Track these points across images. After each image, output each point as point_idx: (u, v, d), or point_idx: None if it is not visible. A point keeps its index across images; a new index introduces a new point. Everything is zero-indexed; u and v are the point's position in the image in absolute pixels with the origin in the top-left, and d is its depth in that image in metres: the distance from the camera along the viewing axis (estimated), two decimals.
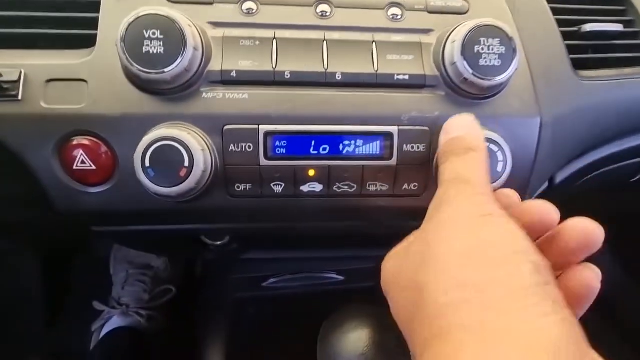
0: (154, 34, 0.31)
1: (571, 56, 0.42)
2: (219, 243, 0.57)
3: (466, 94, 0.36)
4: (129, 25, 0.31)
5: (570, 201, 0.59)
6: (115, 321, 0.89)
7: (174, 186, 0.31)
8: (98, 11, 0.35)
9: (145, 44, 0.31)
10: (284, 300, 0.71)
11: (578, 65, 0.43)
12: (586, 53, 0.45)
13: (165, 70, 0.31)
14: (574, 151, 0.44)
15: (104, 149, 0.34)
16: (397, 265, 0.28)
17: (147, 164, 0.31)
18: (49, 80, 0.33)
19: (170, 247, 0.56)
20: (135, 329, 0.88)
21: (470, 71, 0.34)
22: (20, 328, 0.95)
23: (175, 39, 0.31)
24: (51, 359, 0.92)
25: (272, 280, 0.66)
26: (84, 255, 1.04)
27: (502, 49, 0.34)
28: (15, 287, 0.97)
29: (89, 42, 0.35)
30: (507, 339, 0.18)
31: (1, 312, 0.94)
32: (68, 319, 0.97)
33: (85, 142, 0.34)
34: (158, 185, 0.31)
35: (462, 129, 0.30)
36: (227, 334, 0.75)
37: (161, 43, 0.31)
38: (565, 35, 0.43)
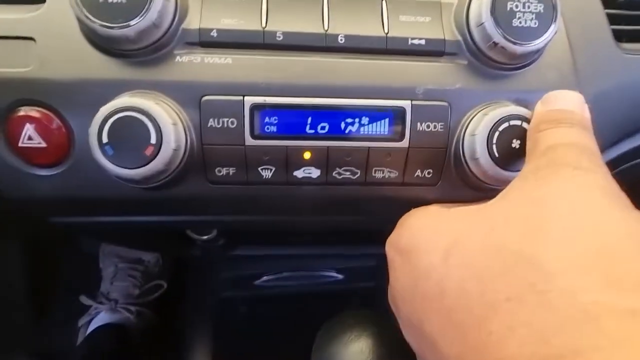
0: None
1: (612, 27, 0.37)
2: (205, 238, 0.51)
3: (494, 63, 0.30)
4: None
5: None
6: (103, 317, 0.85)
7: (138, 167, 0.26)
8: None
9: None
10: (278, 300, 0.66)
11: (616, 37, 0.37)
12: (623, 24, 0.39)
13: (128, 23, 0.26)
14: (613, 135, 0.38)
15: (56, 122, 0.28)
16: (454, 224, 0.22)
17: (105, 139, 0.26)
18: None
19: (151, 241, 0.51)
20: (122, 326, 0.85)
21: (501, 33, 0.28)
22: (6, 324, 0.91)
23: None
24: (37, 356, 0.88)
25: (265, 278, 0.61)
26: (72, 248, 1.00)
27: (541, 7, 0.28)
28: (0, 281, 0.93)
29: None
30: None
31: None
32: (55, 314, 0.93)
33: (34, 113, 0.28)
34: (118, 166, 0.26)
35: (572, 104, 0.25)
36: (214, 334, 0.71)
37: None
38: (605, 3, 0.37)
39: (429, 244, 0.23)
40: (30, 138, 0.28)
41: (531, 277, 0.17)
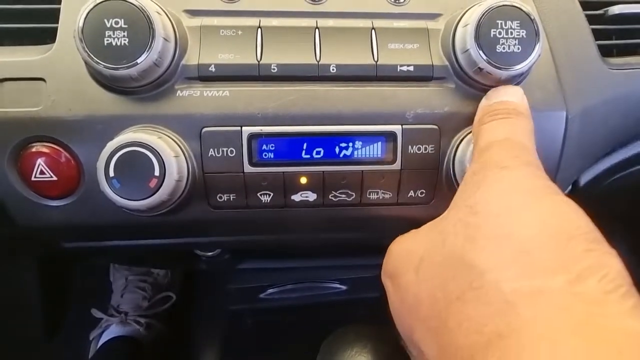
0: (116, 23, 0.27)
1: (597, 42, 0.38)
2: (210, 254, 0.53)
3: (481, 86, 0.31)
4: (88, 13, 0.27)
5: (591, 203, 0.54)
6: (114, 330, 0.87)
7: (143, 199, 0.27)
8: (59, 2, 0.31)
9: (106, 34, 0.27)
10: (283, 311, 0.67)
11: (604, 52, 0.38)
12: (611, 39, 0.40)
13: (131, 64, 0.27)
14: (602, 149, 0.39)
15: (65, 157, 0.30)
16: (420, 243, 0.25)
17: (112, 173, 0.27)
18: (2, 80, 0.29)
19: (159, 260, 0.52)
20: (133, 339, 0.86)
21: (486, 59, 0.29)
22: (19, 339, 0.93)
23: (141, 28, 0.27)
24: None
25: (270, 291, 0.62)
26: (83, 263, 1.02)
27: (523, 33, 0.29)
28: (13, 295, 0.95)
29: (49, 37, 0.31)
30: (600, 344, 0.16)
31: None
32: (67, 328, 0.95)
33: (45, 149, 0.29)
34: (125, 198, 0.27)
35: (511, 96, 0.29)
36: (223, 346, 0.72)
37: (125, 33, 0.27)
38: (591, 19, 0.38)
39: (404, 265, 0.25)
40: (42, 172, 0.30)
41: (470, 276, 0.20)
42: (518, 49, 0.29)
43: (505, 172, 0.24)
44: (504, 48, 0.29)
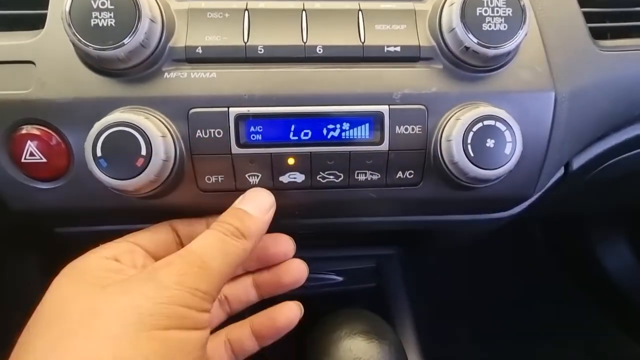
0: (103, 4, 0.27)
1: (589, 25, 0.37)
2: None
3: (467, 67, 0.31)
4: None
5: (585, 190, 0.53)
6: None
7: (130, 178, 0.27)
8: None
9: (93, 15, 0.27)
10: (277, 303, 0.67)
11: (597, 35, 0.38)
12: (602, 22, 0.40)
13: (118, 45, 0.27)
14: (593, 132, 0.39)
15: (55, 139, 0.30)
16: None
17: (99, 153, 0.27)
18: None
19: None
20: None
21: (472, 38, 0.29)
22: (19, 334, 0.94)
23: (127, 9, 0.27)
24: None
25: None
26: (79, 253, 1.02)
27: (509, 11, 0.29)
28: (15, 293, 0.96)
29: (38, 23, 0.31)
30: None
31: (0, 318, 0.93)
32: None
33: (35, 131, 0.30)
34: (112, 178, 0.27)
35: (255, 209, 0.30)
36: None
37: (112, 14, 0.27)
38: (582, 2, 0.38)
39: None
40: (31, 154, 0.30)
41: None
42: (504, 27, 0.29)
43: (124, 284, 0.25)
44: (490, 26, 0.29)
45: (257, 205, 0.30)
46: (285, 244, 0.35)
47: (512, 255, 1.03)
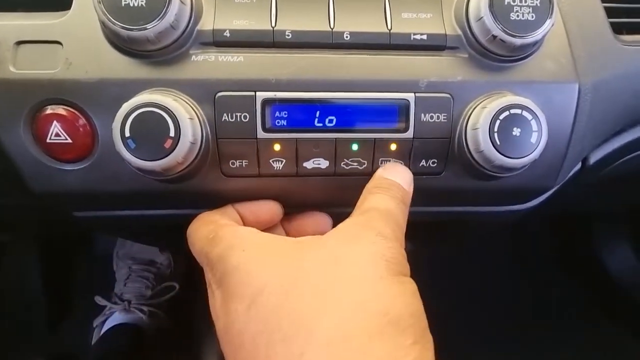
0: None
1: (610, 20, 0.38)
2: None
3: (493, 56, 0.31)
4: None
5: (596, 187, 0.54)
6: (117, 317, 0.87)
7: (158, 159, 0.27)
8: None
9: None
10: None
11: (615, 30, 0.38)
12: (623, 17, 0.40)
13: (148, 25, 0.27)
14: (613, 126, 0.39)
15: (81, 119, 0.30)
16: (265, 270, 0.24)
17: (127, 133, 0.27)
18: (18, 42, 0.30)
19: (169, 237, 0.52)
20: (136, 326, 0.86)
21: (500, 27, 0.29)
22: (23, 325, 0.94)
23: None
24: (53, 356, 0.90)
25: None
26: (86, 251, 1.03)
27: (537, 1, 0.30)
28: (17, 285, 0.96)
29: (66, 3, 0.31)
30: None
31: (3, 310, 0.93)
32: (70, 315, 0.96)
33: (60, 111, 0.30)
34: (140, 158, 0.27)
35: (405, 183, 0.30)
36: None
37: None
38: None
39: (238, 288, 0.24)
40: (57, 135, 0.30)
41: (304, 346, 0.20)
42: (532, 17, 0.30)
43: (380, 240, 0.25)
44: (518, 16, 0.29)
45: (405, 179, 0.31)
46: (323, 221, 0.35)
47: (512, 255, 1.04)
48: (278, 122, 0.31)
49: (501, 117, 0.29)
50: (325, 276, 0.23)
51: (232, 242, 0.26)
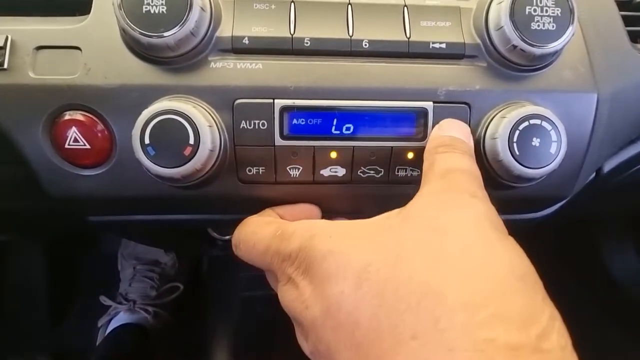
0: None
1: (627, 28, 0.38)
2: (227, 238, 0.53)
3: (512, 65, 0.31)
4: None
5: (607, 195, 0.54)
6: (122, 317, 0.88)
7: (177, 167, 0.27)
8: None
9: (145, 2, 0.27)
10: None
11: (633, 38, 0.38)
12: (638, 26, 0.40)
13: (169, 32, 0.27)
14: (629, 135, 0.39)
15: (99, 125, 0.30)
16: (364, 249, 0.22)
17: (147, 140, 0.27)
18: (38, 48, 0.30)
19: (177, 240, 0.53)
20: (141, 326, 0.86)
21: (520, 37, 0.29)
22: (27, 324, 0.94)
23: None
24: (58, 355, 0.91)
25: None
26: (91, 251, 1.03)
27: (558, 10, 0.29)
28: (22, 284, 0.96)
29: (84, 9, 0.31)
30: None
31: (8, 309, 0.93)
32: (75, 315, 0.96)
33: (79, 117, 0.30)
34: (159, 166, 0.27)
35: (462, 133, 0.29)
36: (234, 332, 0.72)
37: (163, 2, 0.27)
38: (620, 6, 0.38)
39: (337, 271, 0.22)
40: (75, 140, 0.30)
41: (437, 311, 0.18)
42: (553, 27, 0.29)
43: (477, 201, 0.23)
44: (538, 26, 0.29)
45: (464, 132, 0.29)
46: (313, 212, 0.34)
47: None
48: (296, 130, 0.31)
49: (521, 127, 0.29)
50: (431, 247, 0.21)
51: (312, 232, 0.25)
